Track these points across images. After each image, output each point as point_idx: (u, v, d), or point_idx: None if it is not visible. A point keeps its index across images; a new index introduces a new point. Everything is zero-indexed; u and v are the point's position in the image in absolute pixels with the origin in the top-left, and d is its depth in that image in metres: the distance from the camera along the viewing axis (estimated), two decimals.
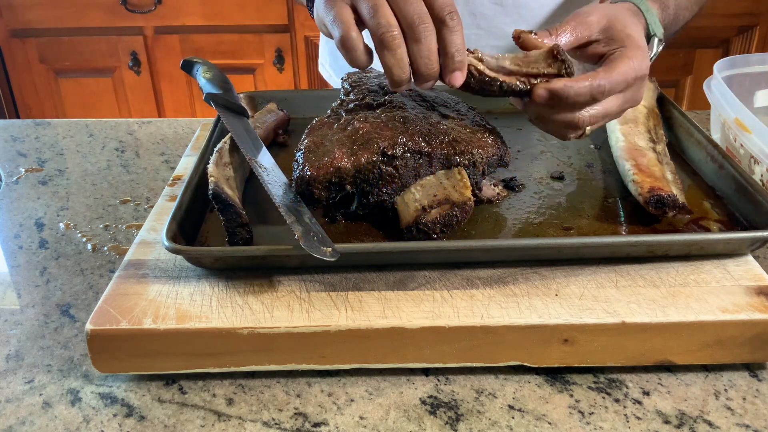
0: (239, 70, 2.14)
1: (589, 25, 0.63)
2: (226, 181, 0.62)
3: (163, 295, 0.56)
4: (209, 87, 0.77)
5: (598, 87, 0.59)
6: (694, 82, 2.13)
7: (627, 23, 0.64)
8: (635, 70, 0.61)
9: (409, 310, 0.54)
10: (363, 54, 0.57)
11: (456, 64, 0.57)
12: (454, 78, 0.58)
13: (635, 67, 0.61)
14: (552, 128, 0.64)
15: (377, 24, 0.55)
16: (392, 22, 0.55)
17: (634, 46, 0.62)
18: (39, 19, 2.10)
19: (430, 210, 0.59)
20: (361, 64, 0.58)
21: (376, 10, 0.55)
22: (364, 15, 0.56)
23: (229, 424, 0.51)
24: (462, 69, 0.58)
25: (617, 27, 0.63)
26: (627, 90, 0.61)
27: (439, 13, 0.56)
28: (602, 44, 0.63)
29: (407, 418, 0.51)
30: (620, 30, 0.63)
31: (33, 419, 0.51)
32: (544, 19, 0.97)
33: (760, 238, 0.57)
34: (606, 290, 0.55)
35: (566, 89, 0.59)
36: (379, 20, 0.55)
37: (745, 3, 2.03)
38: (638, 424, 0.50)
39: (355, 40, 0.56)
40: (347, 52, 0.57)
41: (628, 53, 0.61)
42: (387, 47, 0.55)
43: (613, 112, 0.62)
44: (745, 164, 0.74)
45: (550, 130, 0.64)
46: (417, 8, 0.55)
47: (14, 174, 0.89)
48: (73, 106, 2.25)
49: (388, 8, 0.55)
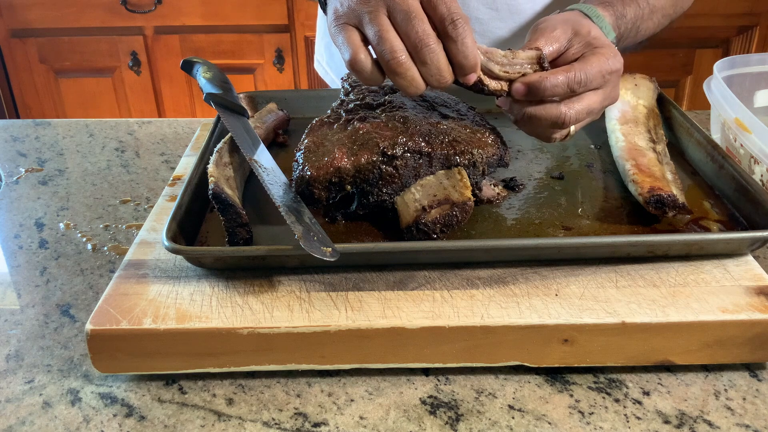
0: (239, 70, 2.14)
1: (557, 38, 0.65)
2: (226, 181, 0.62)
3: (163, 295, 0.56)
4: (209, 87, 0.77)
5: (574, 77, 0.60)
6: (694, 82, 2.13)
7: (589, 27, 0.66)
8: (609, 65, 0.62)
9: (409, 310, 0.54)
10: (373, 74, 0.58)
11: (466, 70, 0.58)
12: (468, 80, 0.60)
13: (609, 62, 0.62)
14: (536, 129, 0.64)
15: (383, 51, 0.56)
16: (397, 47, 0.56)
17: (603, 44, 0.64)
18: (39, 19, 2.10)
19: (430, 210, 0.59)
20: (374, 83, 0.59)
21: (381, 36, 0.56)
22: (370, 40, 0.57)
23: (229, 424, 0.51)
24: (474, 71, 0.59)
25: (582, 32, 0.65)
26: (606, 85, 0.63)
27: (440, 25, 0.56)
28: (572, 51, 0.65)
29: (407, 418, 0.51)
30: (586, 34, 0.65)
31: (33, 419, 0.51)
32: None
33: (760, 238, 0.57)
34: (606, 290, 0.55)
35: (543, 81, 0.60)
36: (384, 47, 0.56)
37: (745, 3, 2.03)
38: (638, 424, 0.50)
39: (364, 62, 0.57)
40: (358, 73, 0.58)
41: (600, 51, 0.63)
42: (395, 73, 0.57)
43: (596, 108, 0.63)
44: (745, 164, 0.74)
45: (535, 131, 0.65)
46: (419, 28, 0.55)
47: (14, 174, 0.89)
48: (73, 106, 2.25)
49: (393, 32, 0.56)
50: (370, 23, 0.57)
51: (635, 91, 0.79)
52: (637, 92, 0.79)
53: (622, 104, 0.77)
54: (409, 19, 0.55)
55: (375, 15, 0.56)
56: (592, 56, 0.62)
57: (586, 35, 0.64)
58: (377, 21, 0.56)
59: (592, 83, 0.61)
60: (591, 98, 0.62)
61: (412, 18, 0.55)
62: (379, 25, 0.56)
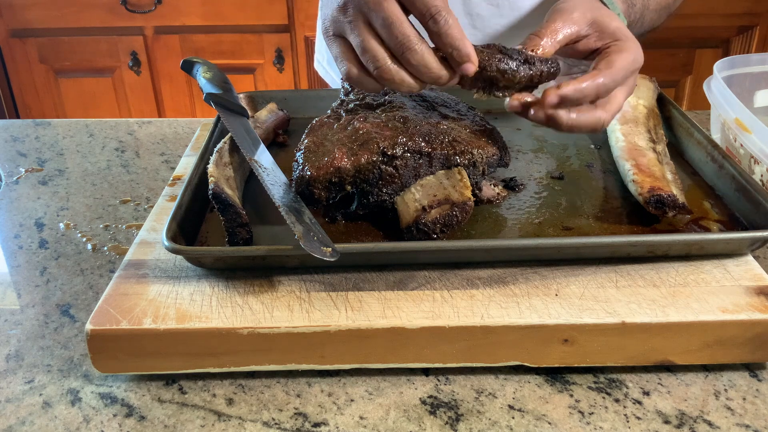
0: (239, 70, 2.14)
1: (575, 21, 0.64)
2: (226, 181, 0.62)
3: (163, 295, 0.56)
4: (209, 87, 0.77)
5: (602, 86, 0.59)
6: (694, 82, 2.13)
7: (609, 15, 0.64)
8: (635, 62, 0.62)
9: (409, 310, 0.54)
10: (371, 84, 0.58)
11: (459, 59, 0.57)
12: (465, 70, 0.58)
13: (634, 60, 0.62)
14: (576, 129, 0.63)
15: (367, 60, 0.56)
16: (380, 55, 0.56)
17: (627, 38, 0.63)
18: (39, 19, 2.10)
19: (430, 210, 0.59)
20: (375, 91, 0.59)
21: (363, 47, 0.56)
22: (356, 50, 0.57)
23: (229, 424, 0.51)
24: (469, 60, 0.57)
25: (604, 20, 0.64)
26: (627, 82, 0.62)
27: (422, 22, 0.56)
28: (593, 39, 0.64)
29: (407, 418, 0.51)
30: (608, 23, 0.64)
31: (33, 419, 0.51)
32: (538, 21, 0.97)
33: (760, 238, 0.57)
34: (606, 290, 0.55)
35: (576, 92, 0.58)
36: (367, 56, 0.56)
37: (745, 3, 2.03)
38: (638, 424, 0.50)
39: (359, 75, 0.58)
40: (356, 85, 0.59)
41: (625, 46, 0.62)
42: (383, 79, 0.57)
43: (622, 104, 0.63)
44: (745, 164, 0.74)
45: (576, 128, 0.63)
46: (398, 32, 0.55)
47: (14, 174, 0.89)
48: (73, 106, 2.25)
49: (373, 41, 0.56)
50: (352, 33, 0.57)
51: (635, 91, 0.79)
52: (637, 92, 0.79)
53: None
54: (387, 24, 0.55)
55: (355, 25, 0.56)
56: (616, 55, 0.61)
57: (607, 23, 0.63)
58: (357, 31, 0.56)
59: (620, 82, 0.61)
60: (619, 97, 0.62)
61: (390, 23, 0.55)
62: (360, 35, 0.56)
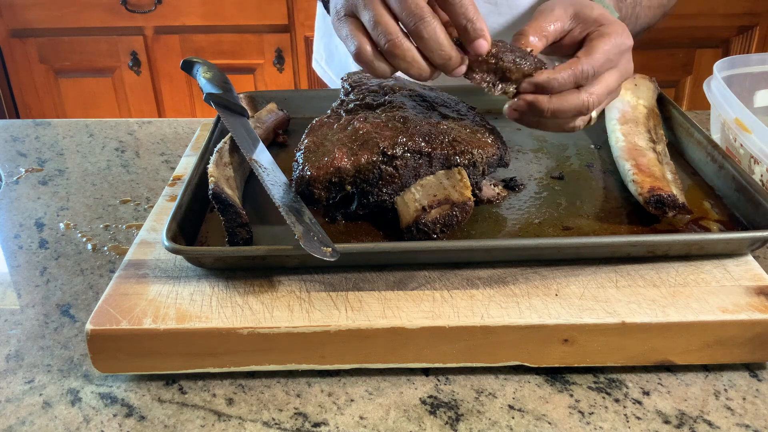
0: (239, 70, 2.14)
1: (558, 17, 0.64)
2: (226, 181, 0.62)
3: (163, 295, 0.56)
4: (209, 87, 0.77)
5: (582, 73, 0.59)
6: (694, 82, 2.13)
7: (590, 6, 0.64)
8: (617, 45, 0.61)
9: (409, 310, 0.54)
10: (380, 64, 0.58)
11: (473, 33, 0.56)
12: (478, 47, 0.57)
13: (617, 43, 0.61)
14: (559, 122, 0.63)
15: (378, 36, 0.56)
16: (392, 30, 0.55)
17: (610, 22, 0.63)
18: (39, 19, 2.10)
19: (430, 210, 0.59)
20: (382, 75, 0.59)
21: (375, 21, 0.56)
22: (366, 27, 0.57)
23: (229, 424, 0.51)
24: (482, 36, 0.57)
25: (584, 11, 0.64)
26: (620, 62, 0.62)
27: None
28: (577, 31, 0.64)
29: (407, 418, 0.51)
30: (588, 13, 0.64)
31: (33, 419, 0.51)
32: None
33: (760, 238, 0.57)
34: (606, 290, 0.55)
35: (551, 81, 0.59)
36: (378, 30, 0.56)
37: (745, 3, 2.03)
38: (638, 424, 0.50)
39: (370, 53, 0.57)
40: (364, 65, 0.58)
41: (606, 31, 0.62)
42: (394, 56, 0.56)
43: (614, 87, 0.63)
44: (745, 164, 0.74)
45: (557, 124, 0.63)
46: (411, 3, 0.55)
47: (14, 174, 0.89)
48: (73, 106, 2.25)
49: (386, 15, 0.56)
50: (365, 9, 0.56)
51: (635, 91, 0.79)
52: (637, 92, 0.79)
53: (622, 104, 0.77)
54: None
55: (368, 1, 0.56)
56: (598, 40, 0.61)
57: (589, 13, 0.63)
58: (370, 6, 0.56)
59: (601, 69, 0.60)
60: (607, 78, 0.61)
61: None
62: (373, 9, 0.56)
